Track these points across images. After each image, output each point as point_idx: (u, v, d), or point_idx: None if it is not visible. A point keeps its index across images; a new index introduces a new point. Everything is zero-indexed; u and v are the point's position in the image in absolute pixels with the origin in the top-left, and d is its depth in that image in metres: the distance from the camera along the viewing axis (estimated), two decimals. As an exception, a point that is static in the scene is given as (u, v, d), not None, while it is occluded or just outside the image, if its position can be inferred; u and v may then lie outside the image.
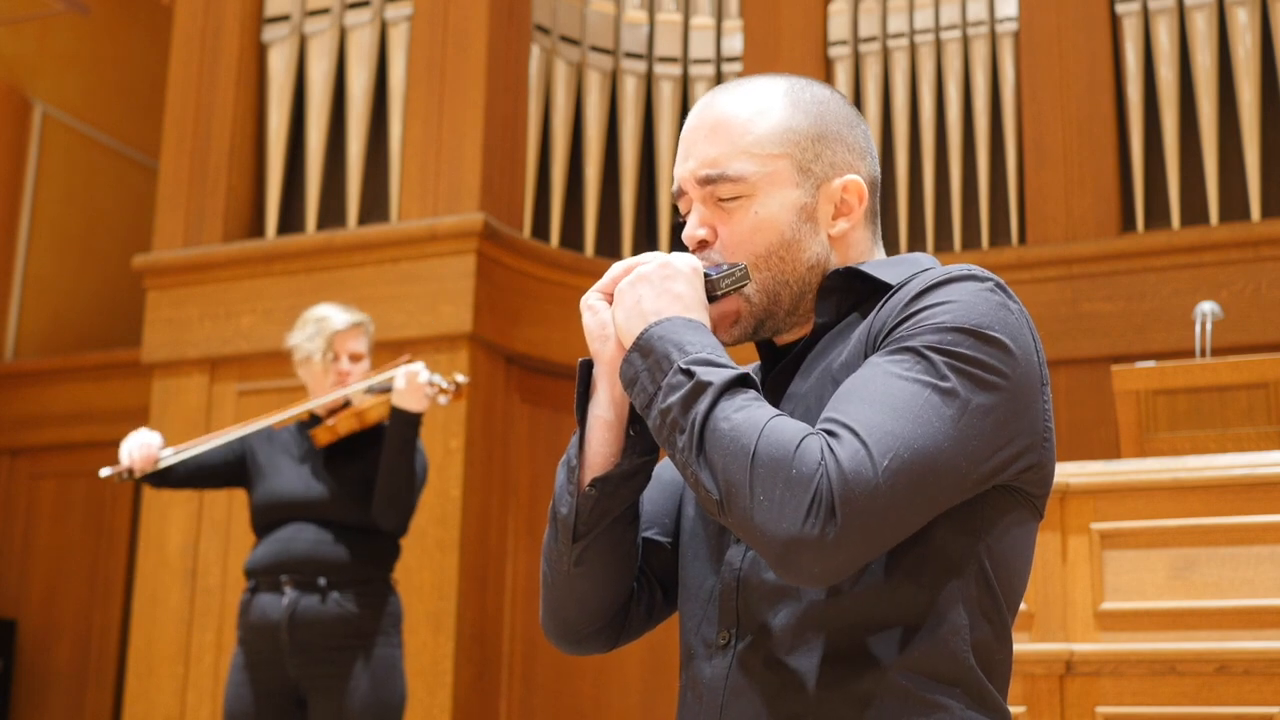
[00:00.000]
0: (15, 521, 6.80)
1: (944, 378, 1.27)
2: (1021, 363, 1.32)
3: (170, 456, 3.63)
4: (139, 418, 6.02)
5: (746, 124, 1.46)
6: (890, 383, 1.27)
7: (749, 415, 1.26)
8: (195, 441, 3.74)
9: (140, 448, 3.62)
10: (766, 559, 1.25)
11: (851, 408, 1.26)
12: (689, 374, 1.30)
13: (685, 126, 1.50)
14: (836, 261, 1.46)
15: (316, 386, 3.79)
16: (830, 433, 1.24)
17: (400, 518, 3.64)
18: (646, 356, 1.34)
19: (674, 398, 1.30)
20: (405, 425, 3.61)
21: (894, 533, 1.24)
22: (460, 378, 3.72)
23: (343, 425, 3.72)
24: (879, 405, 1.25)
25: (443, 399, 3.68)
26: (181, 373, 5.66)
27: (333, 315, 3.80)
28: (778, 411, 1.28)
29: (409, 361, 3.78)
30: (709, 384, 1.28)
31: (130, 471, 3.62)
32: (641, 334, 1.35)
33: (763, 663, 1.35)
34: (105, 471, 3.66)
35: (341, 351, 3.77)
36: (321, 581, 3.57)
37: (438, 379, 3.66)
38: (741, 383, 1.30)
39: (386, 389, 3.71)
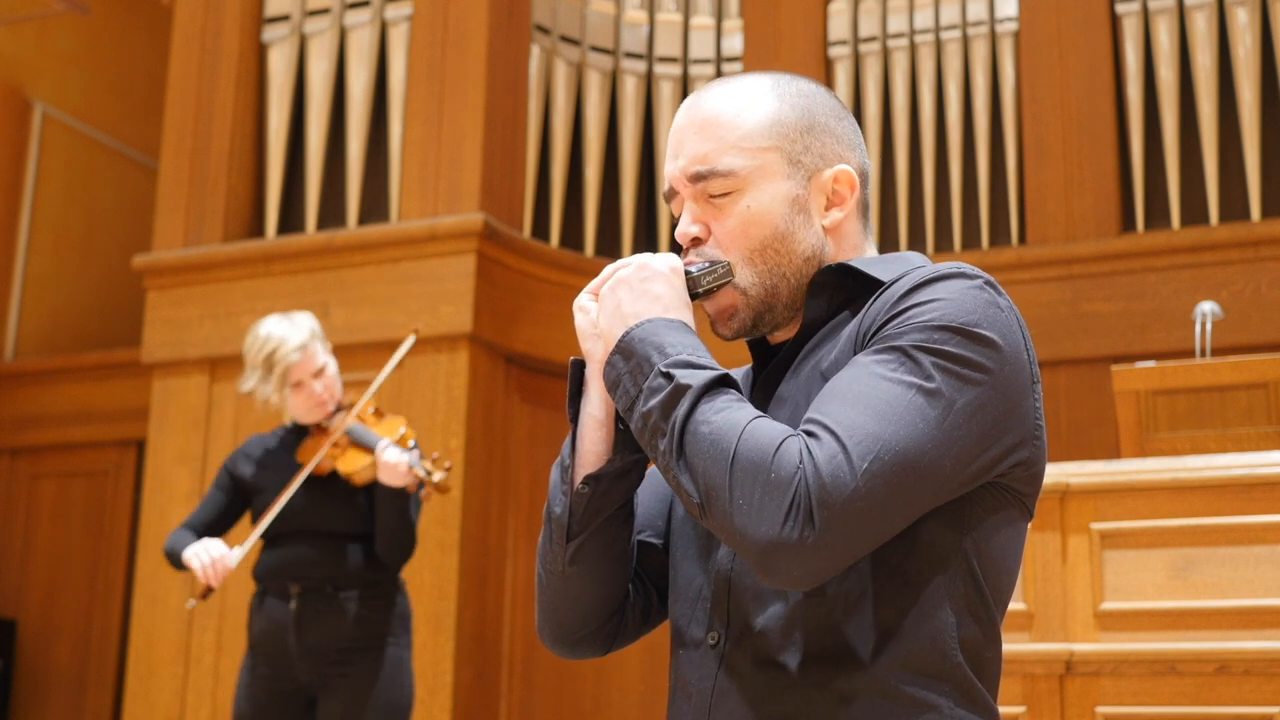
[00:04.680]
0: (15, 521, 6.80)
1: (929, 378, 1.26)
2: (1010, 360, 1.31)
3: (238, 554, 3.50)
4: (139, 418, 6.03)
5: (734, 119, 1.45)
6: (874, 383, 1.26)
7: (728, 417, 1.26)
8: (250, 536, 3.58)
9: (215, 565, 3.44)
10: (747, 562, 1.24)
11: (833, 408, 1.25)
12: (669, 377, 1.29)
13: (674, 126, 1.50)
14: (832, 251, 1.46)
15: (292, 410, 3.65)
16: (810, 434, 1.24)
17: (404, 559, 3.61)
18: (628, 359, 1.34)
19: (654, 401, 1.29)
20: (395, 495, 3.52)
21: (875, 535, 1.23)
22: (438, 476, 3.47)
23: (325, 465, 3.60)
24: (861, 406, 1.24)
25: (421, 489, 3.52)
26: (181, 373, 5.66)
27: (279, 345, 3.56)
28: (758, 413, 1.27)
29: (380, 416, 3.67)
30: (688, 387, 1.28)
31: (210, 590, 3.50)
32: (622, 336, 1.35)
33: (751, 662, 1.34)
34: (191, 603, 3.56)
35: (305, 378, 3.59)
36: (328, 587, 3.56)
37: (418, 465, 3.46)
38: (721, 384, 1.29)
39: (372, 447, 3.55)
